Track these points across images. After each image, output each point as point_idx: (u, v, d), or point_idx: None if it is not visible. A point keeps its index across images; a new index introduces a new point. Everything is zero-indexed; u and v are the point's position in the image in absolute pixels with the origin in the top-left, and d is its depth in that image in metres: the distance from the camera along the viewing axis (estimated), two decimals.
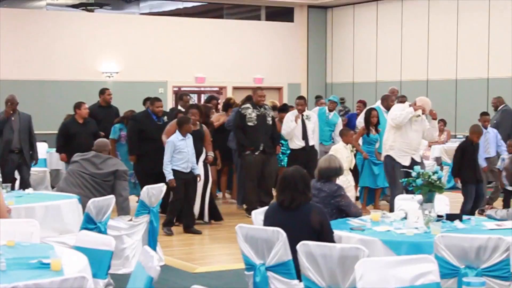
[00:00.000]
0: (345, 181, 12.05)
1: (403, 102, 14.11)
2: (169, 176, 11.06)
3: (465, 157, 12.06)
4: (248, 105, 13.15)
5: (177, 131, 11.25)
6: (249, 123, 12.97)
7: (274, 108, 14.94)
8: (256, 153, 12.95)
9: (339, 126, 15.09)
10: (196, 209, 11.86)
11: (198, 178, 11.55)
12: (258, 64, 24.93)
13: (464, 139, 13.13)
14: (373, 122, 13.56)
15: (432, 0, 22.45)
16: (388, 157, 11.56)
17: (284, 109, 14.84)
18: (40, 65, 21.64)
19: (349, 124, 15.52)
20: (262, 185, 13.03)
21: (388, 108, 14.18)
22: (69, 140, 13.09)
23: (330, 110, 15.39)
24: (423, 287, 4.87)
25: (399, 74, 23.36)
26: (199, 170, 11.63)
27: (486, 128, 13.55)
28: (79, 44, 22.24)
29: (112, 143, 13.46)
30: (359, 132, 13.60)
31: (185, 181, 11.17)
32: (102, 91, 14.73)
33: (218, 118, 14.13)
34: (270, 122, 13.22)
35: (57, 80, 21.79)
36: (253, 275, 6.24)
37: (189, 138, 11.26)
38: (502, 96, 17.57)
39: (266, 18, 25.67)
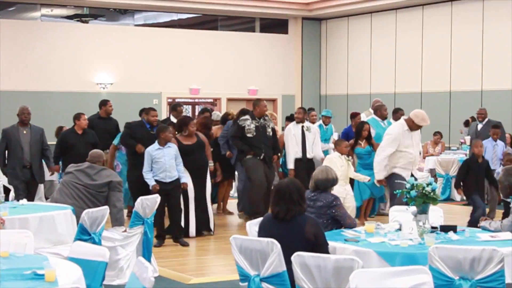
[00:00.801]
0: (343, 191, 11.99)
1: (399, 115, 14.13)
2: (151, 182, 11.01)
3: (470, 173, 12.04)
4: (247, 116, 13.00)
5: (156, 142, 11.22)
6: (248, 135, 12.82)
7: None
8: (258, 157, 12.80)
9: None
10: (192, 219, 11.84)
11: (183, 187, 11.43)
12: (253, 75, 24.97)
13: (456, 150, 13.15)
14: (363, 136, 13.49)
15: (426, 12, 22.53)
16: (394, 175, 11.37)
17: (292, 118, 14.84)
18: (34, 76, 21.64)
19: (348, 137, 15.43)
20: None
21: (382, 117, 14.19)
22: (67, 150, 13.06)
23: (326, 124, 15.49)
24: None
25: (393, 86, 23.42)
26: (186, 179, 11.54)
27: (495, 141, 13.49)
28: (73, 55, 22.26)
29: (113, 148, 13.48)
30: (349, 145, 13.47)
31: (164, 192, 11.02)
32: (104, 103, 14.74)
33: (216, 131, 14.08)
34: (271, 133, 13.10)
35: (51, 91, 21.80)
36: (248, 286, 6.24)
37: (169, 148, 11.16)
38: (494, 108, 17.60)
39: (260, 29, 25.73)
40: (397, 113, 15.02)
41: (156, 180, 11.01)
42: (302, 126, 13.63)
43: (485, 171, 12.10)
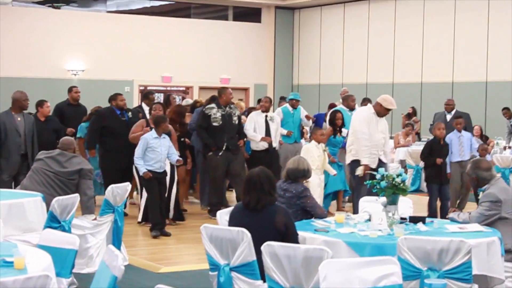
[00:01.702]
0: (319, 181, 12.05)
1: (365, 105, 14.17)
2: (143, 169, 10.98)
3: (432, 155, 12.31)
4: (213, 105, 13.04)
5: (153, 129, 11.21)
6: (214, 123, 12.85)
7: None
8: (220, 153, 12.87)
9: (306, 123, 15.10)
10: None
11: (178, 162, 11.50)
12: (225, 64, 24.95)
13: (427, 141, 13.24)
14: (337, 124, 13.58)
15: (398, 3, 22.62)
16: (355, 161, 11.30)
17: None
18: (4, 62, 21.46)
19: (317, 124, 15.50)
20: (231, 183, 12.99)
21: (349, 107, 14.26)
22: None
23: (294, 107, 15.11)
24: None
25: (365, 76, 23.51)
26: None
27: (460, 131, 13.59)
28: (45, 41, 22.11)
29: (80, 142, 13.38)
30: (326, 134, 13.53)
31: (158, 181, 11.11)
32: (70, 89, 14.65)
33: (186, 119, 14.03)
34: (236, 121, 13.15)
35: (22, 77, 21.63)
36: (218, 275, 6.25)
37: (165, 138, 11.20)
38: (465, 100, 17.72)
39: (233, 18, 25.71)
40: (365, 103, 15.13)
41: (149, 170, 11.00)
42: (266, 116, 13.69)
43: (447, 154, 12.48)
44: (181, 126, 12.79)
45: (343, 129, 13.58)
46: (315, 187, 12.09)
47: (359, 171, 11.00)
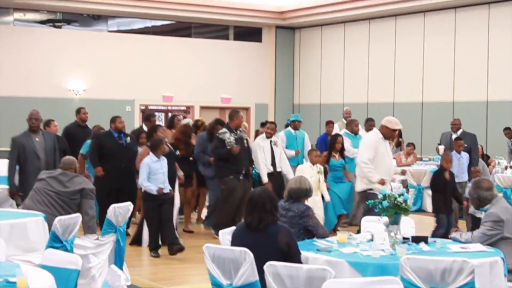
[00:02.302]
0: (312, 201, 12.03)
1: (371, 126, 14.25)
2: (154, 187, 11.01)
3: (438, 185, 12.07)
4: (224, 129, 12.86)
5: (150, 153, 11.24)
6: (229, 147, 12.80)
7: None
8: (240, 177, 12.80)
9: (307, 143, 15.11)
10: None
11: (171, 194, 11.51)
12: (226, 83, 25.00)
13: (428, 161, 13.21)
14: (337, 148, 13.61)
15: (399, 23, 22.68)
16: (370, 194, 10.80)
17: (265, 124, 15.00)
18: (6, 81, 21.49)
19: (318, 147, 15.42)
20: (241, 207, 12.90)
21: (354, 132, 14.38)
22: None
23: (296, 129, 15.15)
24: None
25: (365, 96, 23.54)
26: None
27: (459, 153, 13.59)
28: (46, 61, 22.16)
29: (82, 158, 13.40)
30: (323, 159, 13.44)
31: (160, 202, 11.11)
32: (78, 110, 14.79)
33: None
34: (246, 145, 13.17)
35: (23, 96, 21.66)
36: None
37: (164, 160, 11.25)
38: (466, 119, 17.71)
39: (234, 37, 25.77)
40: (368, 123, 15.16)
41: (151, 194, 11.10)
42: (271, 141, 13.68)
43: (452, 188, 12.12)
44: (187, 146, 12.82)
45: (353, 149, 13.69)
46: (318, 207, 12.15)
47: (376, 187, 10.83)
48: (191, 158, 13.25)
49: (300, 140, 14.87)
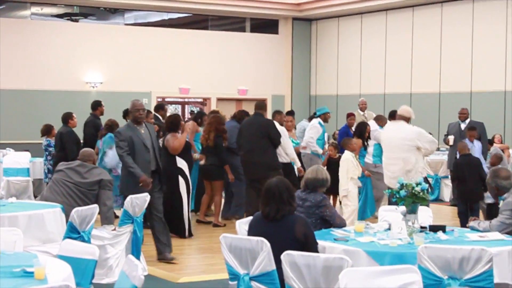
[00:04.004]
0: (357, 190, 12.09)
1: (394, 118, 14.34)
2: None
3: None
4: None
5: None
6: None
7: None
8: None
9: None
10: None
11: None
12: (243, 75, 24.98)
13: (445, 151, 13.15)
14: (365, 137, 13.57)
15: (416, 14, 22.58)
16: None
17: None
18: (23, 75, 21.58)
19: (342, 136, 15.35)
20: None
21: (382, 126, 14.40)
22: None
23: (326, 121, 15.21)
24: None
25: (382, 87, 23.46)
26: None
27: (472, 142, 13.57)
28: (63, 54, 22.21)
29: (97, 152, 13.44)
30: (357, 147, 13.20)
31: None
32: (100, 103, 14.89)
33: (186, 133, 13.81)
34: None
35: (40, 89, 21.74)
36: (237, 285, 6.24)
37: None
38: (484, 109, 17.63)
39: (251, 30, 25.74)
40: (394, 116, 15.23)
41: None
42: None
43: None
44: (223, 134, 12.92)
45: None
46: (356, 196, 12.14)
47: None
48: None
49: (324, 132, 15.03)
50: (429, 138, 11.31)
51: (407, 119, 11.39)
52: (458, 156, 12.71)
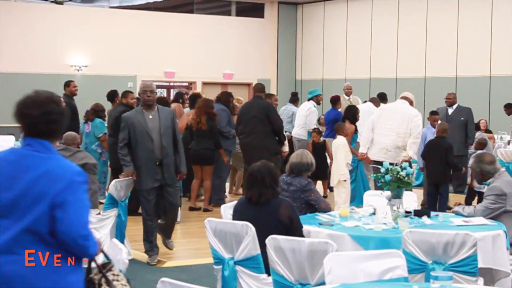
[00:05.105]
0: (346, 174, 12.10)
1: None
2: None
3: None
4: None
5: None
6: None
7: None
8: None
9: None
10: None
11: None
12: (228, 59, 24.92)
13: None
14: (357, 120, 13.45)
15: None
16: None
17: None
18: (7, 58, 21.44)
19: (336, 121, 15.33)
20: None
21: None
22: None
23: (319, 104, 15.25)
24: (391, 281, 4.90)
25: (368, 71, 23.47)
26: None
27: (434, 127, 13.58)
28: (48, 37, 22.09)
29: (104, 137, 13.30)
30: (350, 132, 13.12)
31: None
32: (68, 83, 14.71)
33: (189, 114, 13.75)
34: None
35: (25, 72, 21.61)
36: (222, 269, 6.25)
37: None
38: (468, 94, 17.65)
39: (236, 13, 25.66)
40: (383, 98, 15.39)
41: None
42: None
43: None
44: (213, 117, 12.89)
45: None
46: (349, 181, 12.17)
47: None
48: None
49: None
50: (418, 130, 11.23)
51: (410, 102, 11.46)
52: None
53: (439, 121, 13.47)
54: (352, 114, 13.51)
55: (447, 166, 11.94)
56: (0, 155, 4.05)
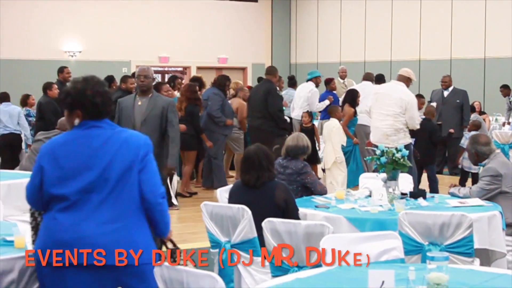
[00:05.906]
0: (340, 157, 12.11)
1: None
2: None
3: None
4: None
5: None
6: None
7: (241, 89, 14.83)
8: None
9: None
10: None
11: None
12: (223, 44, 24.87)
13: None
14: (357, 103, 13.35)
15: None
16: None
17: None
18: (2, 44, 21.36)
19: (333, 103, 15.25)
20: None
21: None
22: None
23: (318, 86, 15.10)
24: (388, 263, 4.90)
25: (362, 54, 23.44)
26: None
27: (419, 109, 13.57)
28: (42, 23, 22.01)
29: None
30: (348, 115, 13.09)
31: None
32: (61, 70, 14.68)
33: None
34: None
35: (19, 59, 21.56)
36: (219, 252, 6.25)
37: None
38: (463, 76, 17.63)
39: None
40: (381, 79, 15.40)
41: None
42: None
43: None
44: (197, 104, 12.79)
45: None
46: (345, 163, 12.20)
47: None
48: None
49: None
50: (415, 114, 11.00)
51: (407, 80, 11.19)
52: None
53: (426, 104, 13.47)
54: (352, 97, 13.41)
55: (433, 147, 12.00)
56: (60, 140, 4.36)
